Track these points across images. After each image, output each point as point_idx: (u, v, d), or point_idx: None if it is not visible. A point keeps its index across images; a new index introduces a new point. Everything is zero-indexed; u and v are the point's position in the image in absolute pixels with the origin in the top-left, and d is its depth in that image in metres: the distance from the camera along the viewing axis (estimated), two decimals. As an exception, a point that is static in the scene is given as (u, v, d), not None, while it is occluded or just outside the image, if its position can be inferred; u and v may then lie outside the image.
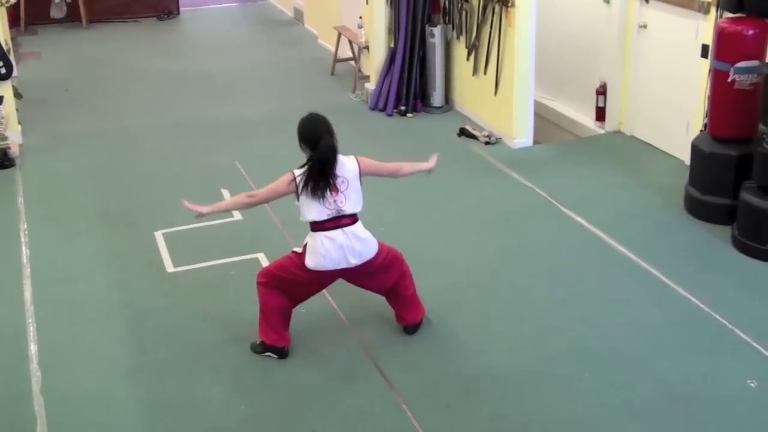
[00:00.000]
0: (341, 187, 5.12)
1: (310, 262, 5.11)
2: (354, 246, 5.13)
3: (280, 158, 8.43)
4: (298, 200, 5.12)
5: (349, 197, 5.15)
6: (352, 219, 5.19)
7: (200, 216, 5.35)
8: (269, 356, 5.31)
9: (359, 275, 5.31)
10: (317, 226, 5.10)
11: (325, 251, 5.08)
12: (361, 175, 5.23)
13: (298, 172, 5.11)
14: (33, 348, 5.50)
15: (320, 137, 5.10)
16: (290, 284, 5.22)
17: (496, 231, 6.93)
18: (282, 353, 5.29)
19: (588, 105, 9.05)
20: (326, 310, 5.84)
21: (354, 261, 5.15)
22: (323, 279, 5.26)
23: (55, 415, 4.88)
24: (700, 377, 5.08)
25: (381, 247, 5.31)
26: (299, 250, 5.20)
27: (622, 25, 8.43)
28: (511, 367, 5.22)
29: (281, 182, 5.14)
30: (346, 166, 5.20)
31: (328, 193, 5.07)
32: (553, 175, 7.96)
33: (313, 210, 5.08)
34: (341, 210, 5.11)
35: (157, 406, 4.96)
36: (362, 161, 5.31)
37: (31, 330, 5.69)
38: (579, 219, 7.04)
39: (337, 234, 5.09)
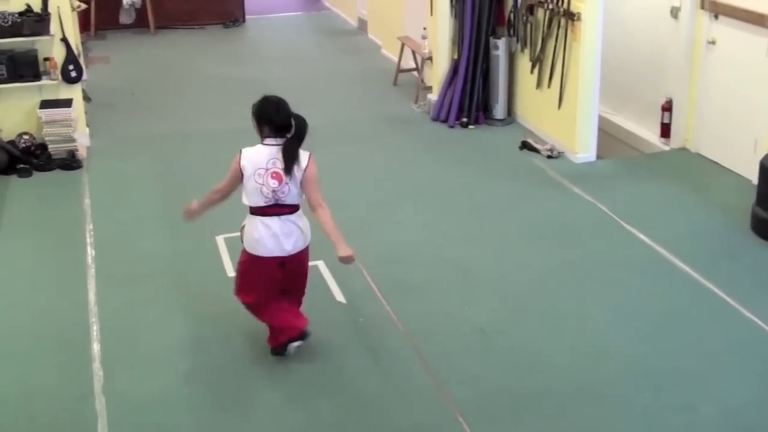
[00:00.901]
0: (286, 176, 5.10)
1: (246, 244, 5.22)
2: (290, 233, 5.18)
3: (342, 166, 8.52)
4: (242, 180, 5.17)
5: (292, 189, 5.13)
6: (292, 209, 5.19)
7: (191, 217, 5.53)
8: (318, 361, 5.34)
9: (292, 274, 5.33)
10: (256, 211, 5.19)
11: (259, 236, 5.13)
12: (305, 173, 5.17)
13: (247, 150, 5.20)
14: (96, 347, 5.60)
15: (291, 114, 5.34)
16: (258, 280, 5.28)
17: (556, 245, 6.87)
18: (304, 335, 5.38)
19: (653, 121, 8.94)
20: (383, 319, 5.85)
21: (288, 248, 5.16)
22: (265, 265, 5.22)
23: (115, 414, 4.96)
24: (763, 402, 4.97)
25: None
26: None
27: (690, 40, 8.32)
28: (568, 384, 5.17)
29: (233, 164, 5.22)
30: (301, 158, 5.19)
31: (270, 179, 5.10)
32: (615, 190, 7.87)
33: (255, 194, 5.13)
34: (281, 199, 5.11)
35: (214, 410, 5.01)
36: (312, 166, 5.25)
37: (95, 330, 5.80)
38: (641, 236, 6.95)
39: (273, 221, 5.13)
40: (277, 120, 5.26)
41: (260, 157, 5.13)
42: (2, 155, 8.51)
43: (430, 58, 10.33)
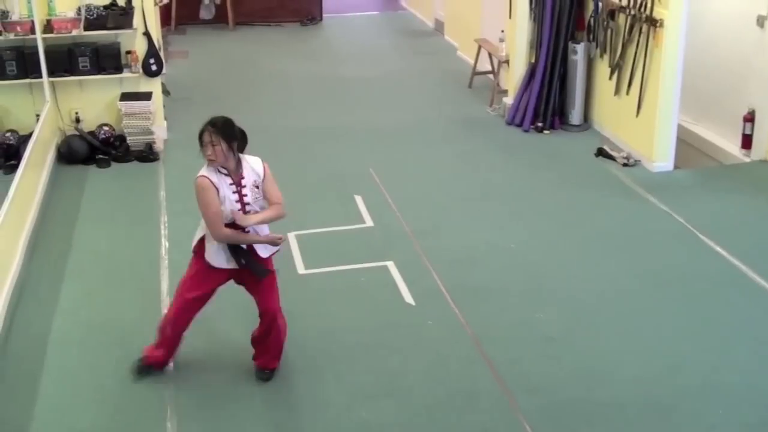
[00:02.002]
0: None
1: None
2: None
3: (415, 167, 8.51)
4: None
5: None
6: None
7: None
8: (385, 362, 5.34)
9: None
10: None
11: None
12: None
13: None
14: (167, 338, 5.68)
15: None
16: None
17: (629, 255, 6.75)
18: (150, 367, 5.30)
19: (733, 131, 8.73)
20: (452, 322, 5.82)
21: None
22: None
23: (184, 403, 5.03)
24: (844, 425, 4.82)
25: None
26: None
27: (777, 50, 8.12)
28: (639, 398, 5.07)
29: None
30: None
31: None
32: (693, 201, 7.71)
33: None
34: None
35: (282, 407, 5.04)
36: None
37: (166, 320, 5.88)
38: (718, 249, 6.79)
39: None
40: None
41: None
42: (83, 145, 8.71)
43: (507, 61, 10.26)
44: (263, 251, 5.10)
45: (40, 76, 8.54)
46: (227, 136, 4.95)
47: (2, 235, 6.21)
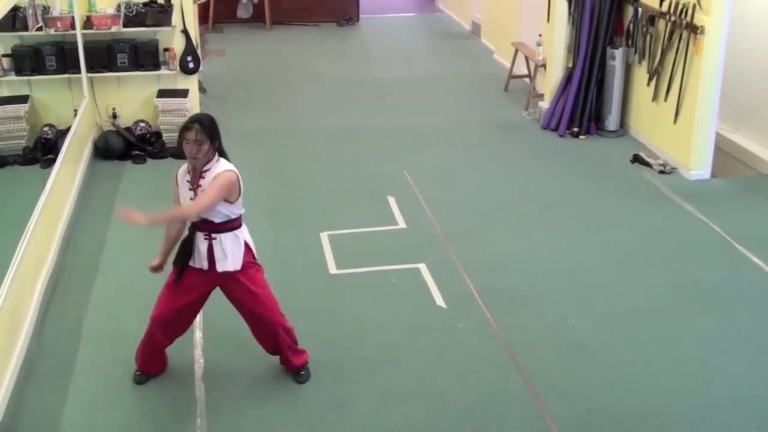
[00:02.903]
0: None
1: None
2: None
3: (449, 170, 8.48)
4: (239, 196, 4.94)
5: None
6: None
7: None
8: (415, 365, 5.31)
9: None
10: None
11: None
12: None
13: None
14: (198, 335, 5.70)
15: None
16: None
17: (664, 264, 6.68)
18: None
19: (773, 141, 8.63)
20: (483, 327, 5.79)
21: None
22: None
23: (213, 401, 5.04)
24: None
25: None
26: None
27: (819, 59, 7.99)
28: (672, 408, 5.00)
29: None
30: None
31: None
32: (730, 210, 7.61)
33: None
34: None
35: (310, 405, 5.03)
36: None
37: (198, 318, 5.87)
38: (756, 260, 6.70)
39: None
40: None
41: None
42: (119, 141, 8.78)
43: (544, 65, 10.19)
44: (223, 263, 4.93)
45: (79, 72, 8.63)
46: (213, 136, 4.85)
47: (39, 228, 6.26)
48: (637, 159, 8.71)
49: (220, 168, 4.86)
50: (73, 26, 8.46)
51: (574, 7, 9.49)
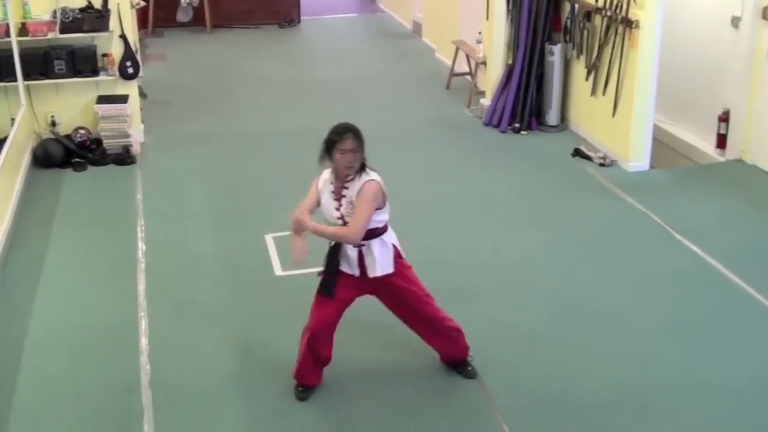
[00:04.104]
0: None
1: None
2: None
3: (393, 169, 8.46)
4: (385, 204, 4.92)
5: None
6: None
7: (299, 231, 4.97)
8: (361, 359, 5.33)
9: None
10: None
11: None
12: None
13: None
14: (144, 341, 5.65)
15: None
16: None
17: (607, 255, 6.78)
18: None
19: (709, 131, 8.79)
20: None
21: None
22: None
23: (161, 408, 5.00)
24: (818, 422, 4.86)
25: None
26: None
27: (750, 50, 8.16)
28: (617, 397, 5.09)
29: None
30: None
31: None
32: (669, 201, 7.76)
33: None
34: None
35: (260, 410, 5.01)
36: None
37: (143, 324, 5.85)
38: (694, 248, 6.84)
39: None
40: None
41: None
42: (59, 149, 8.66)
43: (484, 63, 10.28)
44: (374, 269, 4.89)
45: (15, 80, 8.48)
46: (363, 144, 4.83)
47: (-23, 240, 6.16)
48: (577, 153, 8.83)
49: (362, 179, 4.82)
50: (8, 33, 8.31)
51: (513, 4, 9.58)
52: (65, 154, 8.66)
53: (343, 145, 4.73)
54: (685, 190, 8.03)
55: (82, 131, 8.87)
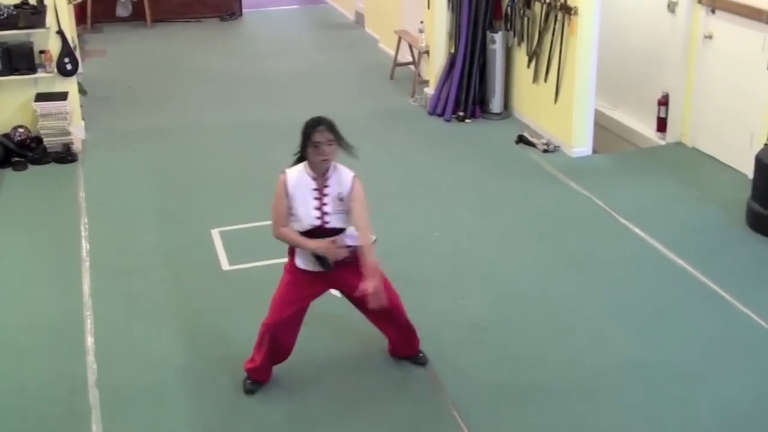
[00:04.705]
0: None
1: None
2: None
3: (339, 159, 8.47)
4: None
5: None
6: None
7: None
8: (314, 352, 5.34)
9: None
10: None
11: None
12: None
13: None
14: (90, 340, 5.58)
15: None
16: None
17: (551, 240, 6.86)
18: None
19: (649, 115, 8.93)
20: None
21: None
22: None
23: (109, 407, 4.95)
24: (759, 397, 4.96)
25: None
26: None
27: (687, 35, 8.30)
28: (563, 378, 5.16)
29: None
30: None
31: None
32: (611, 185, 7.86)
33: None
34: None
35: (209, 404, 4.99)
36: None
37: (89, 323, 5.78)
38: (637, 230, 6.94)
39: None
40: None
41: None
42: (-3, 148, 8.51)
43: (427, 52, 10.31)
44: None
45: (-51, 78, 8.31)
46: (339, 135, 4.71)
47: None
48: (521, 139, 8.90)
49: (345, 174, 4.80)
50: (-60, 31, 8.15)
51: (453, -7, 9.63)
52: (4, 153, 8.50)
53: (317, 138, 4.60)
54: (628, 174, 8.14)
55: (21, 130, 8.71)
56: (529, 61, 9.14)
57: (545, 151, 8.65)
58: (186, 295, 6.15)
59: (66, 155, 8.60)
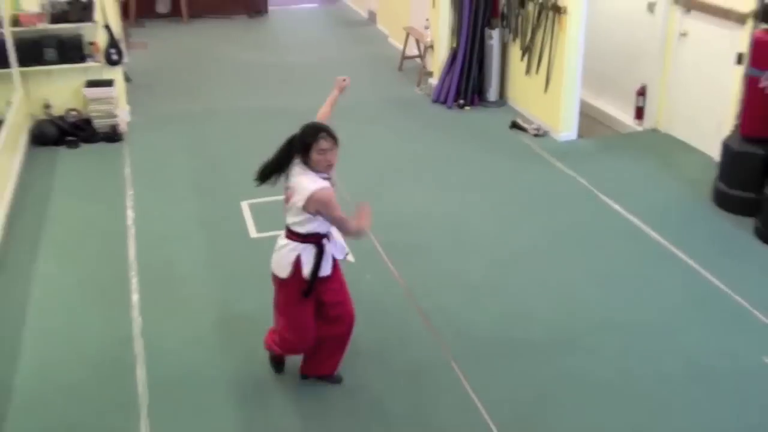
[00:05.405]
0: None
1: None
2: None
3: (352, 141, 8.48)
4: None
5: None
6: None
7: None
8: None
9: None
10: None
11: None
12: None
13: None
14: (135, 297, 5.67)
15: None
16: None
17: (540, 213, 6.90)
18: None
19: (628, 104, 8.93)
20: (387, 277, 5.90)
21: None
22: None
23: (152, 355, 5.04)
24: (720, 352, 5.03)
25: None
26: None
27: (664, 32, 8.28)
28: (548, 334, 5.23)
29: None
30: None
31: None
32: (594, 166, 7.89)
33: None
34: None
35: (240, 353, 5.08)
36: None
37: (134, 282, 5.86)
38: (616, 206, 6.98)
39: None
40: None
41: None
42: (53, 129, 8.56)
43: (432, 46, 10.31)
44: (338, 253, 4.47)
45: (10, 67, 8.35)
46: (336, 138, 4.25)
47: (-19, 211, 6.10)
48: (514, 125, 8.92)
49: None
50: (1, 24, 8.17)
51: (456, -7, 9.60)
52: (59, 133, 8.56)
53: (322, 145, 4.17)
54: (608, 156, 8.16)
55: (73, 112, 8.77)
56: (523, 54, 9.13)
57: (535, 135, 8.67)
58: (219, 258, 6.22)
59: (113, 135, 8.65)
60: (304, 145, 4.23)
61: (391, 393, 4.72)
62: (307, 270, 4.35)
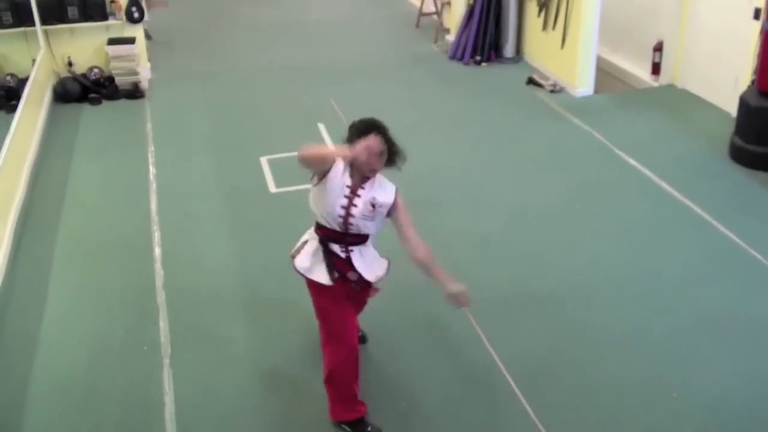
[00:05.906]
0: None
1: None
2: None
3: (370, 98, 8.40)
4: None
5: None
6: None
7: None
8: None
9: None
10: None
11: None
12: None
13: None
14: (157, 251, 5.63)
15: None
16: None
17: (556, 168, 6.77)
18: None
19: (645, 60, 8.71)
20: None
21: None
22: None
23: (174, 306, 5.01)
24: (735, 306, 4.93)
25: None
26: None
27: (682, -13, 8.05)
28: (563, 288, 5.15)
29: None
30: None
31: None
32: (610, 121, 7.72)
33: None
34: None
35: (258, 304, 5.04)
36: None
37: (156, 236, 5.82)
38: (632, 161, 6.83)
39: None
40: None
41: None
42: (76, 86, 8.48)
43: (449, 3, 10.09)
44: (368, 274, 3.95)
45: (34, 25, 8.25)
46: (392, 142, 3.81)
47: (6, 167, 6.06)
48: (531, 81, 8.74)
49: (387, 186, 3.92)
50: (24, -17, 8.07)
51: (473, -51, 9.36)
52: (82, 90, 8.48)
53: (366, 139, 3.71)
54: (624, 112, 7.98)
55: (96, 70, 8.68)
56: (539, 10, 8.91)
57: (552, 91, 8.49)
58: (239, 212, 6.16)
59: (135, 92, 8.56)
60: (353, 138, 3.73)
61: (408, 346, 4.67)
62: (299, 261, 3.94)
